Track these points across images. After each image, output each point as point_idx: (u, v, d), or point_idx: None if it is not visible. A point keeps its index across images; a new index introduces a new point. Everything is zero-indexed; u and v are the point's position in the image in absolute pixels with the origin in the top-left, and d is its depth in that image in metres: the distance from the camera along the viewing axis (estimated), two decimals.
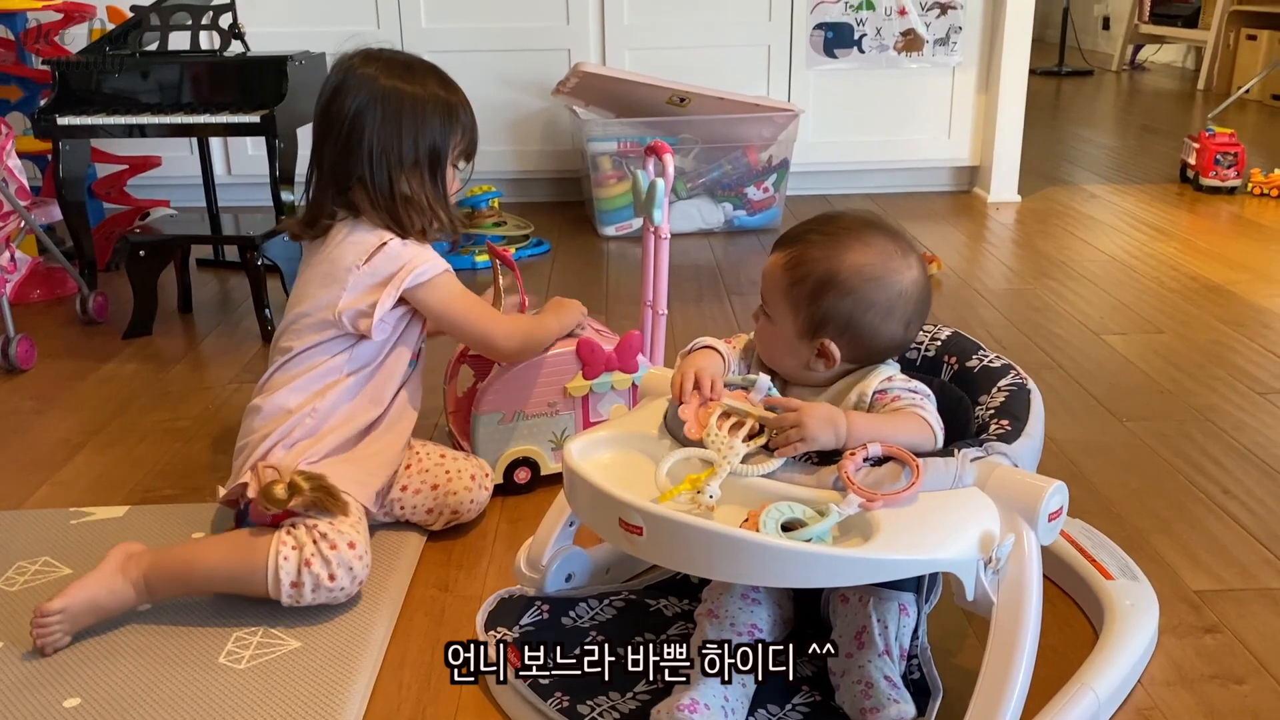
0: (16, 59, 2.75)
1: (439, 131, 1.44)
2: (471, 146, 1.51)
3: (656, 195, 1.54)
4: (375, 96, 1.40)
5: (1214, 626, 1.27)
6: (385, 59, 1.45)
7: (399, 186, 1.42)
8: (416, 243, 1.44)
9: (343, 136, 1.41)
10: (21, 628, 1.25)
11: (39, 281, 2.57)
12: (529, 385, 1.58)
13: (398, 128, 1.41)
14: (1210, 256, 2.81)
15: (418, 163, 1.43)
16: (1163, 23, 6.61)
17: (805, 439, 1.01)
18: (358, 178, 1.41)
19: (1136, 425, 1.81)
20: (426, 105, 1.43)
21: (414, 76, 1.44)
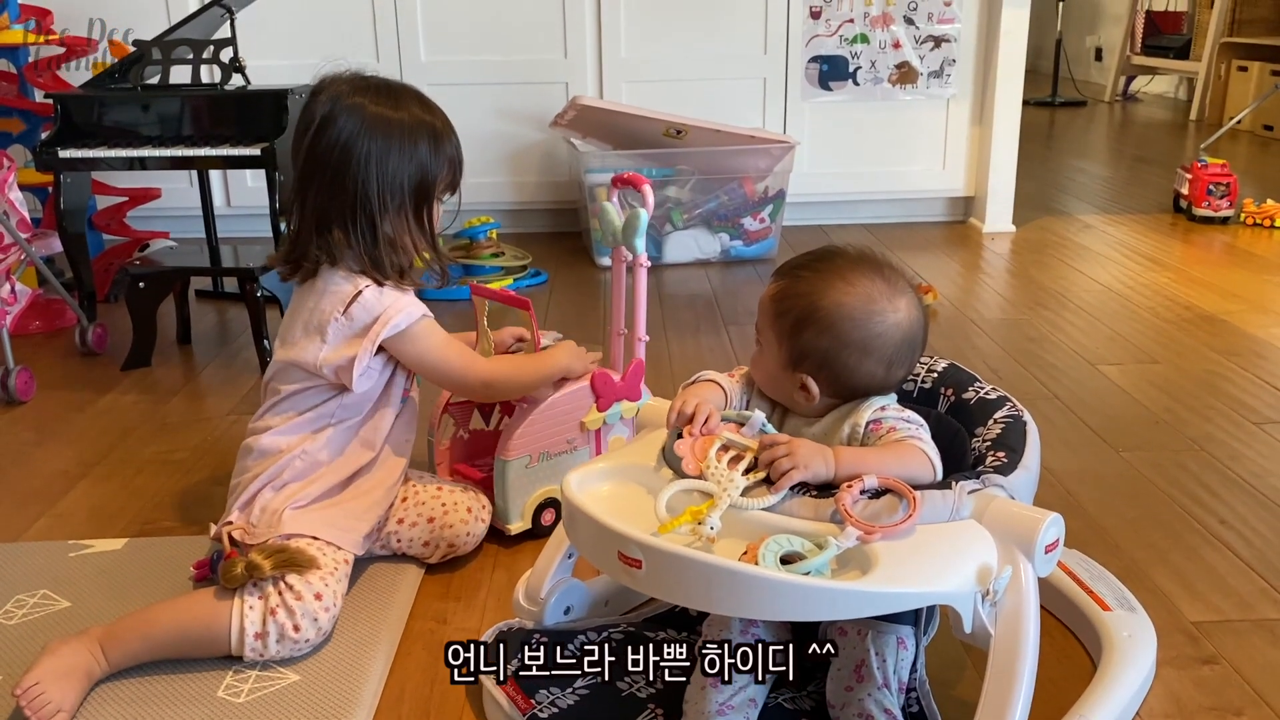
0: (19, 92, 2.77)
1: (428, 161, 1.40)
2: (457, 176, 1.46)
3: (640, 225, 1.55)
4: (364, 126, 1.35)
5: (1212, 658, 1.27)
6: (372, 86, 1.40)
7: (382, 226, 1.37)
8: (394, 288, 1.39)
9: (330, 171, 1.36)
10: (20, 661, 1.25)
11: (38, 313, 2.57)
12: (552, 424, 1.56)
13: (386, 160, 1.36)
14: (1204, 287, 2.82)
15: (404, 197, 1.38)
16: (1154, 54, 6.67)
17: (798, 466, 1.02)
18: (340, 216, 1.36)
19: (1133, 456, 1.82)
20: (415, 134, 1.38)
21: (401, 104, 1.39)
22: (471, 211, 3.28)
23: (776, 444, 1.04)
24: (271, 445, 1.39)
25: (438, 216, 1.46)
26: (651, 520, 1.02)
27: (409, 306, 1.39)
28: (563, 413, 1.56)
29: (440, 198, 1.45)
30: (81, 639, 1.22)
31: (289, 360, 1.40)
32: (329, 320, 1.37)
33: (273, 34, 3.19)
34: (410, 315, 1.39)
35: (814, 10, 3.36)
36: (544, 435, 1.55)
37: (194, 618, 1.25)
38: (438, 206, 1.45)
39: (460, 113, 3.63)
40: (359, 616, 1.35)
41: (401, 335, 1.39)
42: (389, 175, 1.36)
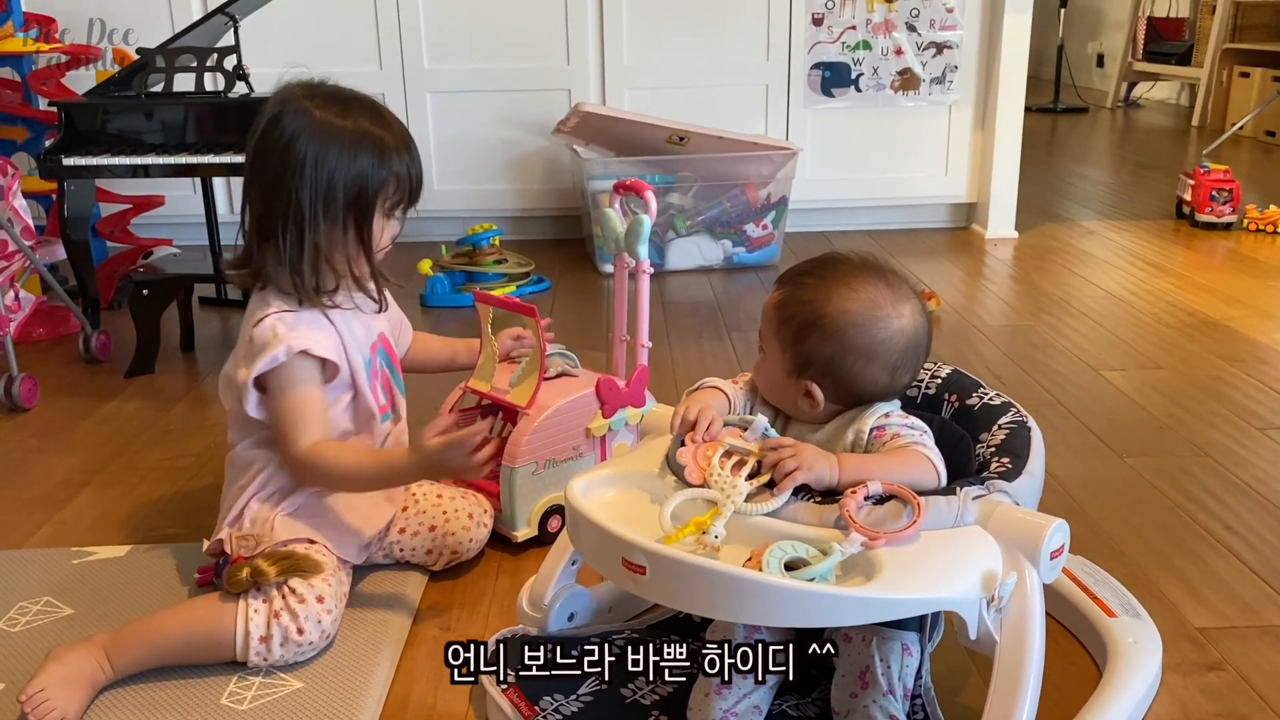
0: (23, 100, 2.78)
1: (368, 173, 1.32)
2: (408, 194, 1.38)
3: (642, 231, 1.55)
4: (306, 129, 1.29)
5: (1217, 664, 1.26)
6: (324, 92, 1.34)
7: (312, 236, 1.30)
8: (308, 311, 1.33)
9: (270, 174, 1.31)
10: (23, 668, 1.25)
11: (42, 320, 2.58)
12: (560, 431, 1.56)
13: (323, 166, 1.29)
14: (1207, 292, 2.82)
15: (338, 209, 1.31)
16: (1156, 60, 6.68)
17: (802, 467, 1.02)
18: (274, 224, 1.30)
19: (1137, 461, 1.81)
20: (357, 143, 1.31)
21: (348, 112, 1.33)
22: (474, 218, 3.30)
23: (781, 446, 1.04)
24: (248, 458, 1.38)
25: (384, 235, 1.38)
26: (655, 526, 1.03)
27: (286, 344, 1.29)
28: (568, 420, 1.56)
29: (390, 215, 1.37)
30: (87, 646, 1.22)
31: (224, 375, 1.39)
32: (240, 339, 1.34)
33: (276, 41, 3.19)
34: (275, 358, 1.29)
35: (816, 17, 3.36)
36: (550, 442, 1.55)
37: (198, 624, 1.25)
38: (384, 223, 1.37)
39: (463, 120, 3.67)
40: (363, 623, 1.35)
41: (270, 373, 1.30)
42: (323, 183, 1.29)
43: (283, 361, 1.30)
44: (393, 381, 1.49)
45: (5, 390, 2.11)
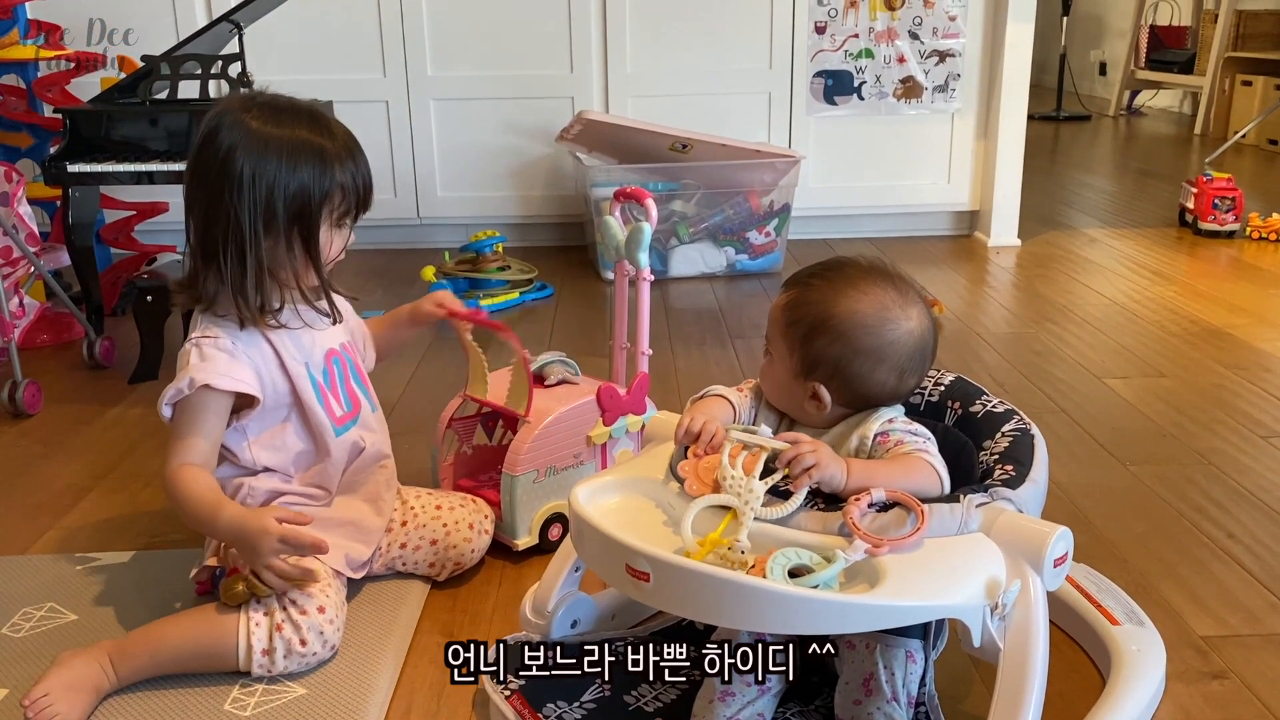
0: (28, 107, 2.79)
1: (310, 183, 1.28)
2: (356, 202, 1.34)
3: (643, 239, 1.56)
4: (242, 142, 1.26)
5: (1221, 672, 1.26)
6: (260, 103, 1.30)
7: (254, 254, 1.27)
8: (242, 334, 1.30)
9: (209, 190, 1.27)
10: (27, 673, 1.25)
11: (46, 326, 2.58)
12: (559, 439, 1.56)
13: (261, 179, 1.25)
14: (1210, 300, 2.82)
15: (281, 223, 1.28)
16: (1159, 69, 6.69)
17: (820, 464, 1.01)
18: (214, 242, 1.27)
19: (1140, 469, 1.81)
20: (296, 153, 1.27)
21: (284, 121, 1.29)
22: (477, 225, 3.30)
23: (800, 440, 1.04)
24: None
25: (333, 246, 1.35)
26: (658, 531, 1.03)
27: (190, 377, 1.27)
28: (569, 428, 1.56)
29: (339, 225, 1.34)
30: (91, 652, 1.22)
31: None
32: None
33: (281, 49, 3.21)
34: (180, 391, 1.27)
35: (819, 25, 3.37)
36: (551, 450, 1.55)
37: (202, 634, 1.25)
38: (331, 234, 1.33)
39: (466, 127, 3.68)
40: (365, 631, 1.35)
41: (181, 401, 1.28)
42: (262, 199, 1.26)
43: (185, 395, 1.27)
44: (356, 387, 1.46)
45: (9, 396, 2.12)
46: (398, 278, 3.14)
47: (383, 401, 1.55)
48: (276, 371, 1.34)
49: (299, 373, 1.36)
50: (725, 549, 0.98)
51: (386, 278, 3.16)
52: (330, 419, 1.39)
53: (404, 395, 2.20)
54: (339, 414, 1.41)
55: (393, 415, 2.01)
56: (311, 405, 1.37)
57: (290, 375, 1.35)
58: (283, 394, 1.35)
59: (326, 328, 1.40)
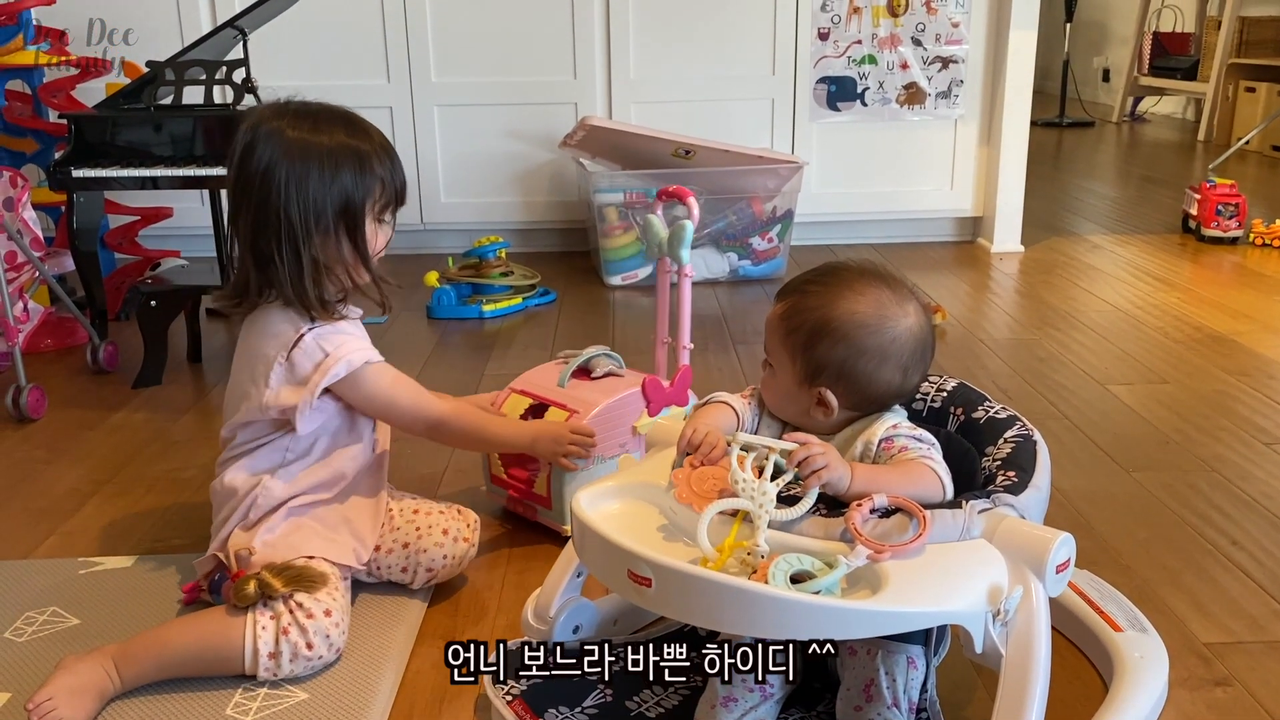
0: (33, 112, 2.80)
1: (352, 184, 1.34)
2: (394, 197, 1.41)
3: (685, 236, 1.59)
4: (282, 151, 1.31)
5: (1224, 679, 1.26)
6: (293, 111, 1.36)
7: (308, 253, 1.33)
8: (334, 326, 1.36)
9: (254, 199, 1.32)
10: (30, 678, 1.25)
11: (50, 331, 2.59)
12: (607, 428, 1.59)
13: (306, 184, 1.31)
14: (1213, 307, 2.82)
15: (329, 221, 1.33)
16: (1162, 75, 6.69)
17: (830, 465, 1.01)
18: (269, 247, 1.32)
19: (1143, 476, 1.81)
20: (336, 157, 1.33)
21: (321, 127, 1.34)
22: (481, 231, 3.31)
23: (810, 441, 1.04)
24: (230, 487, 1.38)
25: (378, 240, 1.41)
26: (661, 538, 1.03)
27: (351, 353, 1.35)
28: (615, 417, 1.59)
29: (380, 220, 1.40)
30: (96, 656, 1.22)
31: (235, 404, 1.40)
32: (272, 364, 1.35)
33: (285, 55, 3.22)
34: (350, 363, 1.35)
35: (822, 32, 3.38)
36: (599, 439, 1.56)
37: (207, 638, 1.25)
38: (375, 229, 1.40)
39: (470, 133, 3.69)
40: (367, 635, 1.35)
41: (342, 382, 1.36)
42: (309, 200, 1.32)
43: (359, 366, 1.36)
44: None
45: (13, 401, 2.12)
46: (401, 282, 3.11)
47: None
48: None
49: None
50: (745, 553, 0.98)
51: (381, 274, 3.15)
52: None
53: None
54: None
55: None
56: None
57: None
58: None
59: (381, 318, 1.45)
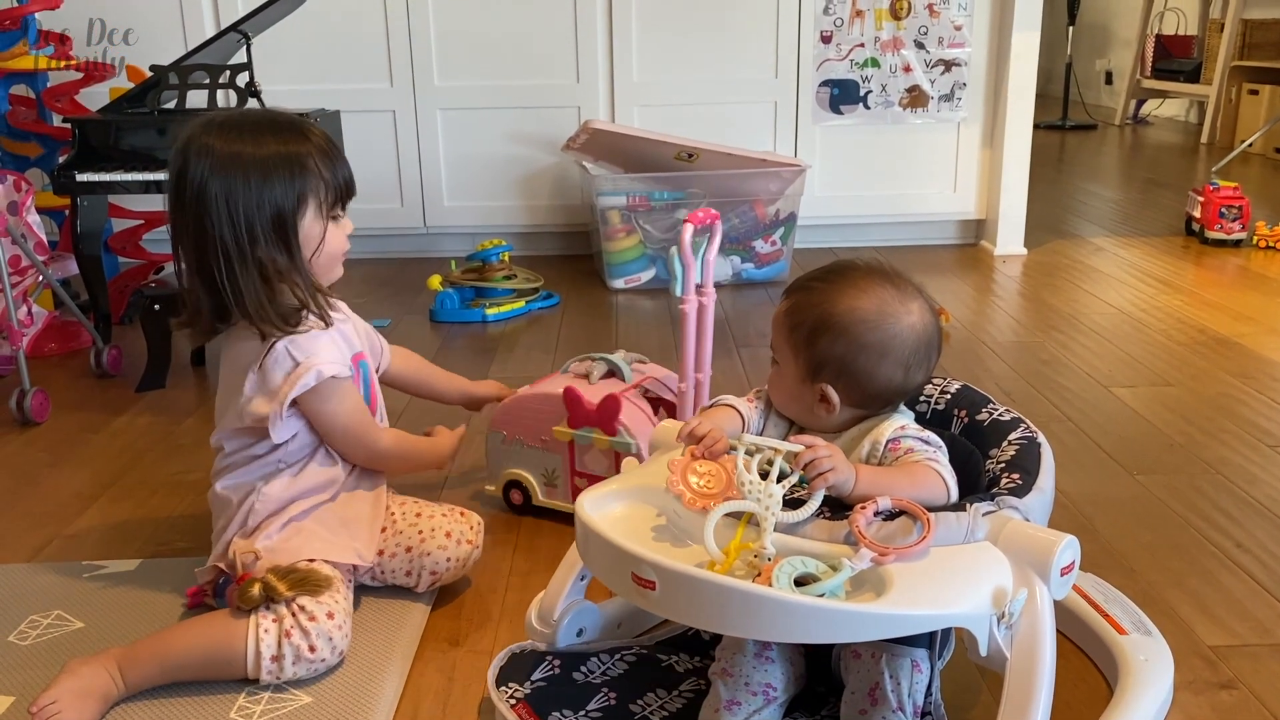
0: (37, 116, 2.80)
1: (282, 192, 1.31)
2: (341, 192, 1.37)
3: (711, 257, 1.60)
4: (211, 168, 1.28)
5: (1230, 682, 1.26)
6: (221, 123, 1.32)
7: (254, 267, 1.30)
8: (310, 334, 1.34)
9: (191, 221, 1.29)
10: (33, 681, 1.25)
11: (54, 335, 2.59)
12: (527, 415, 1.67)
13: (236, 199, 1.28)
14: (1217, 309, 2.82)
15: (263, 234, 1.30)
16: (1165, 78, 6.68)
17: (836, 467, 1.02)
18: (211, 267, 1.29)
19: (1147, 479, 1.81)
20: (266, 166, 1.30)
21: (249, 136, 1.31)
22: (484, 234, 3.31)
23: (816, 443, 1.04)
24: (225, 496, 1.39)
25: (339, 236, 1.38)
26: (665, 541, 1.03)
27: (322, 364, 1.33)
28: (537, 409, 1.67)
29: (333, 217, 1.37)
30: (100, 660, 1.22)
31: (220, 415, 1.40)
32: (247, 373, 1.34)
33: (289, 59, 3.23)
34: (320, 373, 1.33)
35: (825, 35, 3.38)
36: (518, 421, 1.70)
37: (210, 641, 1.25)
38: (333, 227, 1.37)
39: (473, 136, 3.69)
40: (371, 639, 1.35)
41: (310, 393, 1.34)
42: (240, 215, 1.29)
43: (326, 378, 1.34)
44: (377, 395, 1.51)
45: (17, 404, 2.12)
46: (404, 286, 3.15)
47: (391, 405, 1.58)
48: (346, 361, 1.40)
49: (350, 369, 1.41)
50: (752, 554, 0.98)
51: (393, 286, 3.16)
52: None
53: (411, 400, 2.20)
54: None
55: (400, 419, 2.02)
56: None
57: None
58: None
59: (384, 321, 1.43)
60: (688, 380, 1.62)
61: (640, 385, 1.69)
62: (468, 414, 1.89)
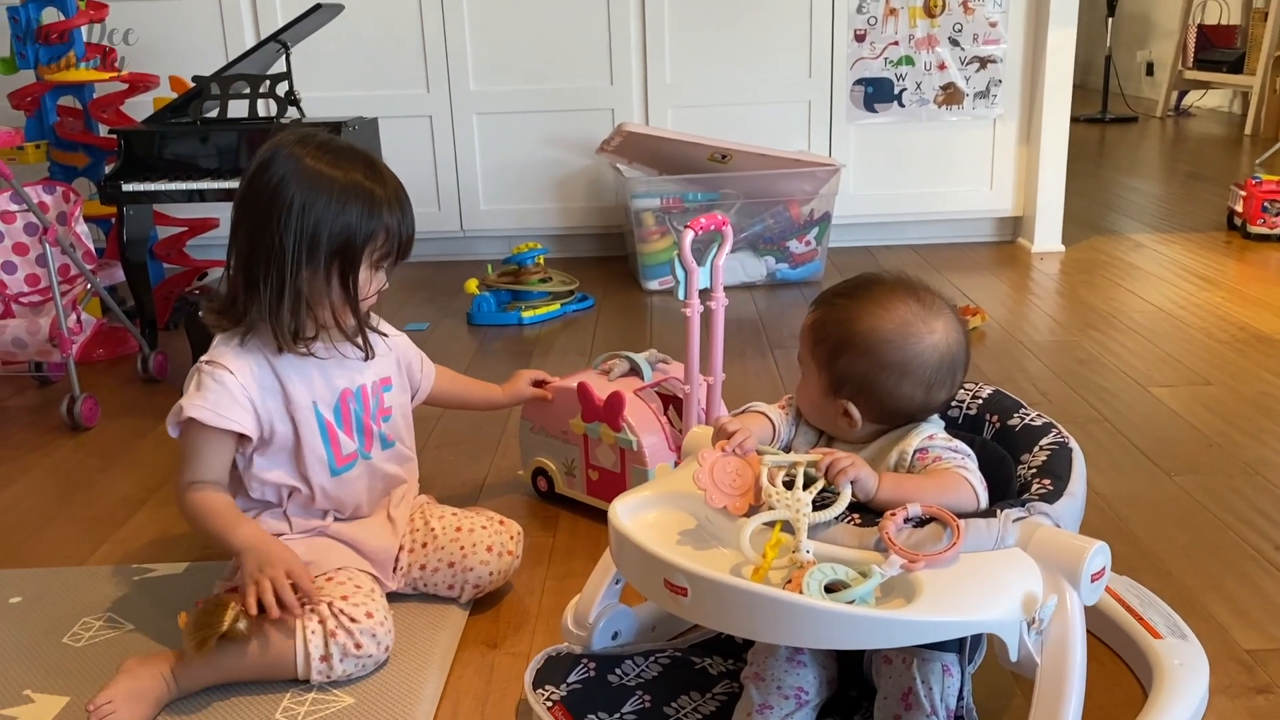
0: (84, 127, 2.87)
1: (356, 224, 1.33)
2: (396, 248, 1.38)
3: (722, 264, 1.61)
4: (294, 176, 1.31)
5: (1266, 687, 1.25)
6: (318, 142, 1.36)
7: (294, 282, 1.31)
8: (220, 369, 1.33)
9: (256, 218, 1.32)
10: (87, 681, 1.29)
11: (102, 341, 2.65)
12: (550, 407, 1.74)
13: (308, 214, 1.30)
14: (1259, 306, 2.78)
15: (322, 256, 1.32)
16: (1207, 68, 6.58)
17: (855, 463, 1.04)
18: (257, 268, 1.32)
19: (1185, 480, 1.80)
20: (346, 194, 1.32)
21: (339, 163, 1.34)
22: (519, 237, 3.34)
23: (830, 450, 1.06)
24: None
25: (370, 287, 1.39)
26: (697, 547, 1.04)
27: (191, 401, 1.32)
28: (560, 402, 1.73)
29: (377, 267, 1.38)
30: (155, 662, 1.27)
31: None
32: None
33: (326, 67, 3.27)
34: (179, 412, 1.33)
35: (858, 33, 3.37)
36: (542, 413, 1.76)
37: (260, 647, 1.28)
38: (370, 275, 1.38)
39: (508, 140, 3.72)
40: (411, 641, 1.37)
41: (181, 421, 1.34)
42: (308, 229, 1.30)
43: (184, 419, 1.33)
44: (374, 424, 1.47)
45: (68, 410, 2.18)
46: (441, 289, 3.19)
47: (424, 413, 1.58)
48: (280, 409, 1.38)
49: (304, 414, 1.39)
50: (791, 551, 0.99)
51: (430, 289, 3.20)
52: (333, 457, 1.42)
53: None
54: (345, 452, 1.43)
55: (435, 429, 2.05)
56: (312, 444, 1.40)
57: (294, 414, 1.38)
58: (284, 432, 1.39)
59: (358, 360, 1.43)
60: (693, 384, 1.62)
61: (657, 384, 1.73)
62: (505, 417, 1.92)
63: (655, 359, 1.77)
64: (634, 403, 1.65)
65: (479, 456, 1.95)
